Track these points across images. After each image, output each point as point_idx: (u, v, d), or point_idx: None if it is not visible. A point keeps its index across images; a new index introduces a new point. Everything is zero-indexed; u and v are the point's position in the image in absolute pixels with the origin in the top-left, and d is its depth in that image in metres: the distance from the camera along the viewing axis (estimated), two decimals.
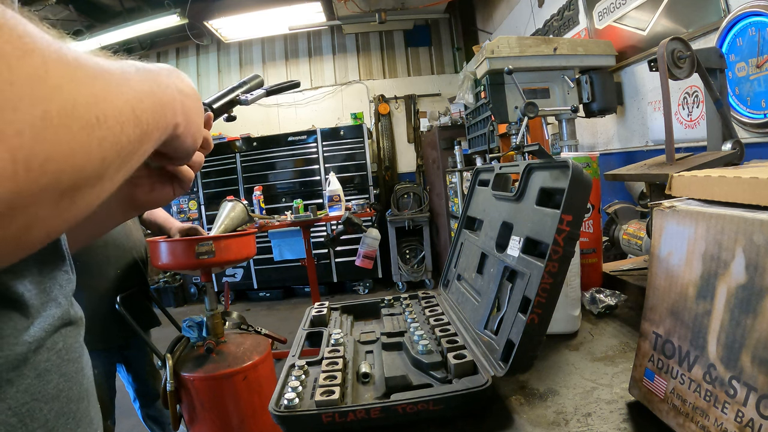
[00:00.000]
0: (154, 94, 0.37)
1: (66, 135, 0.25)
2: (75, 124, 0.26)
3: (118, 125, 0.30)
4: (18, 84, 0.23)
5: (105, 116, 0.29)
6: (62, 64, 0.26)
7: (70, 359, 0.40)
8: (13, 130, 0.22)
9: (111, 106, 0.30)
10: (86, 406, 0.42)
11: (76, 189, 0.28)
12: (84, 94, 0.27)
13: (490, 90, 2.20)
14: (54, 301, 0.40)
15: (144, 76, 0.36)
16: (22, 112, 0.23)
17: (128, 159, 0.32)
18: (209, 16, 5.08)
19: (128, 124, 0.31)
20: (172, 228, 1.91)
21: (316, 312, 1.02)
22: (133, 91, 0.33)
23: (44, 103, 0.24)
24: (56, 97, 0.25)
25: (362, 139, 5.42)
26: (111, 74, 0.31)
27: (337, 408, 0.62)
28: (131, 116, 0.32)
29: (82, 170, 0.27)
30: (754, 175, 0.49)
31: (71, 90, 0.26)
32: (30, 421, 0.34)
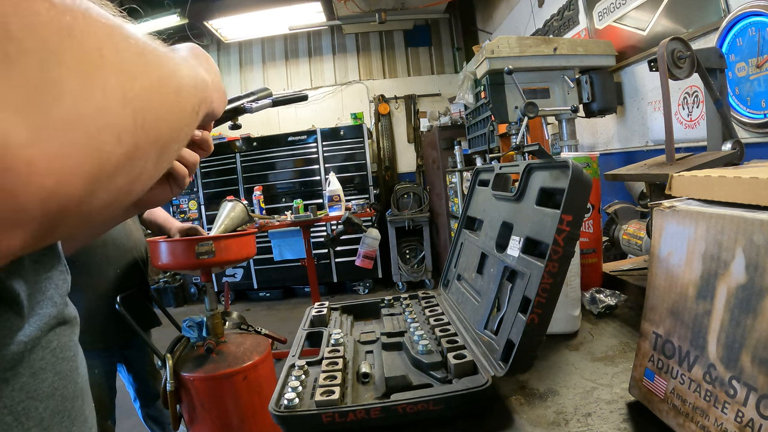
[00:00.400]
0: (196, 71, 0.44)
1: (164, 100, 0.32)
2: (167, 90, 0.33)
3: (189, 94, 0.37)
4: (128, 61, 0.29)
5: (181, 87, 0.36)
6: (149, 44, 0.33)
7: (65, 358, 0.41)
8: (133, 94, 0.28)
9: (182, 78, 0.37)
10: (81, 405, 0.42)
11: (168, 146, 0.34)
12: (167, 67, 0.34)
13: (490, 90, 2.20)
14: (50, 300, 0.40)
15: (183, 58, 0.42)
16: (138, 81, 0.29)
17: (193, 123, 0.39)
18: (209, 16, 5.07)
19: (192, 94, 0.39)
20: (172, 228, 1.91)
21: (316, 312, 1.02)
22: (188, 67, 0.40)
23: (150, 75, 0.31)
24: (153, 71, 0.31)
25: (362, 139, 5.42)
26: (172, 54, 0.37)
27: (337, 408, 0.62)
28: (193, 85, 0.39)
29: (172, 128, 0.34)
30: (754, 175, 0.49)
31: (160, 64, 0.33)
32: (25, 420, 0.35)
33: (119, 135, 0.27)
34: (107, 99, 0.26)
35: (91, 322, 1.71)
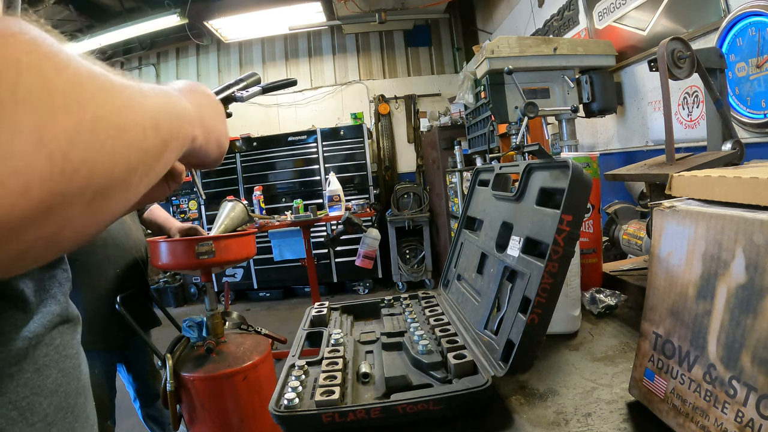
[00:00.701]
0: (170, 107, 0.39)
1: (96, 141, 0.28)
2: (104, 131, 0.28)
3: (141, 133, 0.32)
4: (56, 95, 0.26)
5: (129, 124, 0.31)
6: (93, 76, 0.29)
7: (68, 355, 0.41)
8: (51, 135, 0.25)
9: (134, 115, 0.32)
10: (83, 402, 0.42)
11: (105, 193, 0.30)
12: (112, 103, 0.30)
13: (490, 90, 2.20)
14: (53, 299, 0.41)
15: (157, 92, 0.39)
16: (60, 120, 0.25)
17: (151, 167, 0.34)
18: (209, 16, 5.07)
19: (149, 132, 0.33)
20: (172, 228, 1.91)
21: (316, 312, 1.02)
22: (151, 103, 0.36)
23: (78, 112, 0.27)
24: (88, 107, 0.28)
25: (362, 139, 5.42)
26: (131, 87, 0.33)
27: (337, 408, 0.62)
28: (152, 124, 0.34)
29: (110, 174, 0.29)
30: (754, 175, 0.49)
31: (101, 100, 0.29)
32: (30, 415, 0.35)
33: (27, 183, 0.24)
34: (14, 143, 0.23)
35: (91, 322, 1.71)
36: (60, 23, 5.21)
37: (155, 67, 6.16)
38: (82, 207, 0.28)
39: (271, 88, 0.86)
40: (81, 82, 0.28)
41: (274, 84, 0.88)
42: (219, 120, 0.52)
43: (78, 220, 0.28)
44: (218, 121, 0.52)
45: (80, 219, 0.29)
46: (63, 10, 5.02)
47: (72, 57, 0.28)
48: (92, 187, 0.28)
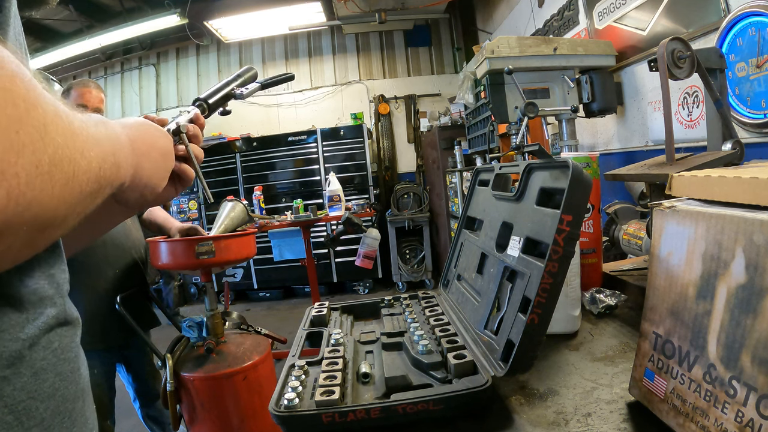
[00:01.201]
0: (114, 155, 0.41)
1: (50, 182, 0.30)
2: (58, 175, 0.30)
3: (86, 180, 0.34)
4: (23, 134, 0.27)
5: (79, 171, 0.33)
6: (57, 117, 0.31)
7: (66, 359, 0.41)
8: (13, 172, 0.26)
9: (85, 163, 0.34)
10: (82, 406, 0.42)
11: (46, 228, 0.32)
12: (69, 148, 0.32)
13: (490, 90, 2.19)
14: (49, 300, 0.40)
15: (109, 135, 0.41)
16: (23, 159, 0.27)
17: (86, 209, 0.37)
18: (209, 16, 5.07)
19: (92, 179, 0.36)
20: (172, 228, 1.91)
21: (316, 312, 1.02)
22: (101, 150, 0.38)
23: (40, 153, 0.28)
24: (49, 150, 0.29)
25: (362, 139, 5.42)
26: (87, 132, 0.36)
27: (337, 408, 0.62)
28: (96, 173, 0.36)
29: (55, 212, 0.31)
30: (754, 175, 0.49)
31: (60, 144, 0.31)
32: (26, 419, 0.35)
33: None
34: None
35: (91, 322, 1.71)
36: (60, 23, 5.21)
37: (155, 67, 6.16)
38: (24, 238, 0.30)
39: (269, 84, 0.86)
40: (47, 124, 0.29)
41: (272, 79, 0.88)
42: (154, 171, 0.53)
43: (18, 248, 0.31)
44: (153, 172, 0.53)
45: (20, 248, 0.31)
46: (63, 10, 5.01)
47: (42, 98, 0.30)
48: (36, 223, 0.30)
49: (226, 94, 0.77)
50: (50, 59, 5.17)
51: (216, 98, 0.75)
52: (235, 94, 0.78)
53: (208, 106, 0.74)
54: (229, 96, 0.77)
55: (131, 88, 6.20)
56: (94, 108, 1.79)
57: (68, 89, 1.79)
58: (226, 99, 0.77)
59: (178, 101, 6.16)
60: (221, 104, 0.76)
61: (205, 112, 0.73)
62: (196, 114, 0.68)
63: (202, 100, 0.74)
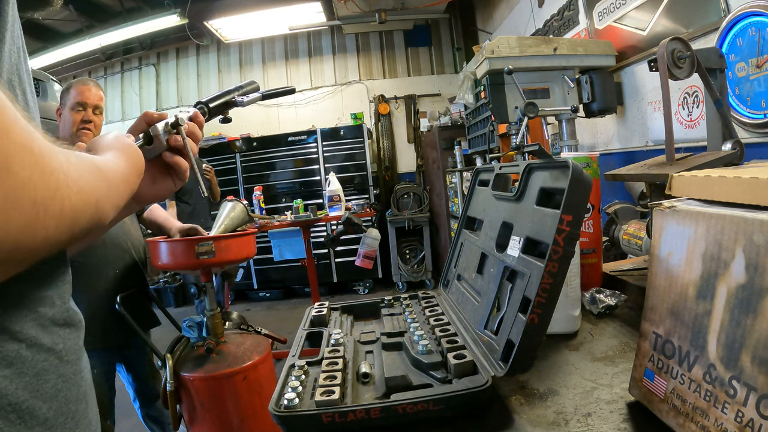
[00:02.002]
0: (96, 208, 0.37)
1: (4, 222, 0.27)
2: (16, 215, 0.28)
3: (54, 226, 0.32)
4: None
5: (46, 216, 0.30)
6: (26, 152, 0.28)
7: (69, 361, 0.41)
8: None
9: (56, 209, 0.31)
10: (84, 408, 0.42)
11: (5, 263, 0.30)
12: (38, 189, 0.29)
13: (490, 90, 2.19)
14: (48, 299, 0.40)
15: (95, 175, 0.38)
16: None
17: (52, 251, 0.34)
18: (209, 16, 5.07)
19: (63, 228, 0.33)
20: (172, 228, 1.91)
21: (316, 312, 1.02)
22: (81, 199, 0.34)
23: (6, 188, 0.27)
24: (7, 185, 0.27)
25: (362, 139, 5.42)
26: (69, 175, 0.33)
27: (337, 408, 0.62)
28: (69, 222, 0.33)
29: (10, 253, 0.29)
30: (754, 175, 0.49)
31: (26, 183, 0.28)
32: (29, 418, 0.35)
33: None
34: None
35: (90, 322, 1.69)
36: (60, 23, 5.21)
37: (155, 67, 6.16)
38: None
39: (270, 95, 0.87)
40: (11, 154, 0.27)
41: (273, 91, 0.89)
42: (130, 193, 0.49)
43: None
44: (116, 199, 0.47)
45: None
46: (63, 10, 5.01)
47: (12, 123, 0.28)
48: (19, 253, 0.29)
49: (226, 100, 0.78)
50: (50, 59, 5.18)
51: (217, 103, 0.76)
52: (236, 101, 0.79)
53: (209, 109, 0.75)
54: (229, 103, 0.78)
55: (131, 88, 6.20)
56: (93, 105, 1.79)
57: (68, 88, 1.80)
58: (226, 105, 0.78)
59: (178, 101, 6.16)
60: (221, 110, 0.78)
61: (205, 114, 0.74)
62: (196, 112, 0.69)
63: (203, 103, 0.75)
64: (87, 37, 5.06)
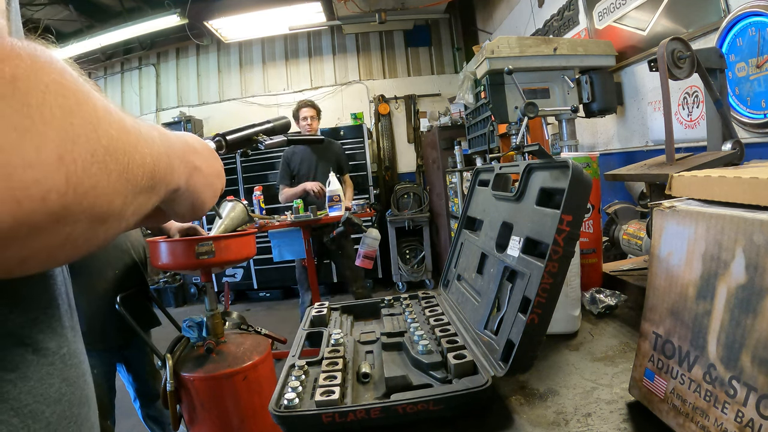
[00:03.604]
0: (168, 157, 0.42)
1: (105, 172, 0.31)
2: (113, 165, 0.31)
3: (141, 173, 0.35)
4: (77, 125, 0.29)
5: (133, 163, 0.34)
6: (107, 113, 0.32)
7: (73, 364, 0.41)
8: (71, 158, 0.28)
9: (139, 157, 0.35)
10: (87, 412, 0.42)
11: (103, 220, 0.32)
12: (122, 140, 0.33)
13: (490, 90, 2.19)
14: (54, 302, 0.40)
15: (163, 139, 0.42)
16: (79, 146, 0.28)
17: (142, 204, 0.37)
18: (209, 16, 5.07)
19: (147, 175, 0.37)
20: (172, 228, 1.91)
21: (316, 312, 1.02)
22: (155, 149, 0.39)
23: (94, 143, 0.30)
24: (103, 140, 0.31)
25: (362, 139, 5.42)
26: (140, 130, 0.37)
27: (337, 408, 0.62)
28: (150, 169, 0.37)
29: (111, 204, 0.32)
30: (754, 175, 0.49)
31: (113, 136, 0.32)
32: (32, 422, 0.35)
33: (46, 194, 0.26)
34: (40, 156, 0.26)
35: (91, 322, 1.71)
36: (60, 23, 5.21)
37: (155, 67, 6.16)
38: (84, 227, 0.30)
39: (296, 141, 0.87)
40: (99, 116, 0.31)
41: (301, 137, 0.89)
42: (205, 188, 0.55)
43: (78, 238, 0.31)
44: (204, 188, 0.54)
45: (80, 237, 0.31)
46: (63, 10, 5.02)
47: (91, 93, 0.31)
48: (95, 211, 0.31)
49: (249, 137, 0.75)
50: None
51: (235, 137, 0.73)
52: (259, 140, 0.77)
53: (226, 142, 0.72)
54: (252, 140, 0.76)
55: (131, 88, 6.20)
56: None
57: None
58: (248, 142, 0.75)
59: (178, 101, 6.16)
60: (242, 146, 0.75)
61: (222, 148, 0.71)
62: None
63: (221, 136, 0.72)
64: (87, 37, 5.06)
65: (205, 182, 0.54)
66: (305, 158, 3.90)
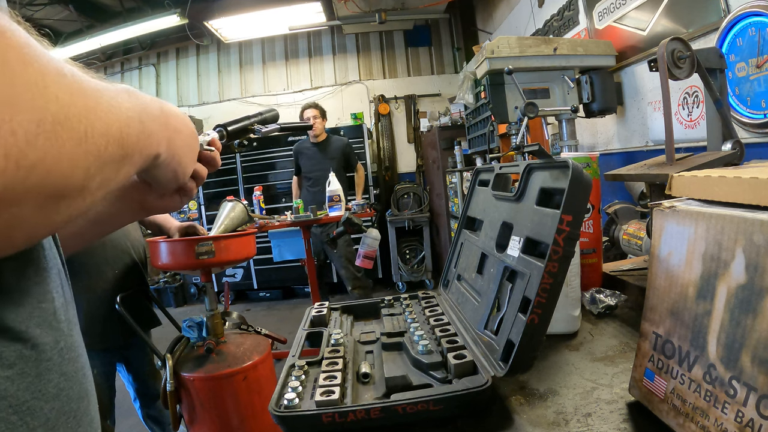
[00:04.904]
0: (141, 122, 0.38)
1: (56, 142, 0.27)
2: (66, 134, 0.28)
3: (104, 142, 0.32)
4: (18, 89, 0.25)
5: (93, 131, 0.30)
6: (59, 76, 0.28)
7: (70, 359, 0.41)
8: (9, 129, 0.24)
9: (100, 123, 0.31)
10: (86, 406, 0.42)
11: (60, 197, 0.29)
12: (77, 106, 0.29)
13: (490, 90, 2.19)
14: (49, 296, 0.40)
15: (135, 103, 0.38)
16: (20, 115, 0.25)
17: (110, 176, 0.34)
18: (209, 16, 5.07)
19: (113, 143, 0.33)
20: (171, 227, 1.91)
21: (316, 312, 1.02)
22: (122, 113, 0.35)
23: (40, 110, 0.26)
24: (51, 107, 0.27)
25: (362, 139, 5.41)
26: (103, 93, 0.33)
27: (337, 408, 0.62)
28: (117, 136, 0.33)
29: (67, 178, 0.29)
30: (754, 175, 0.49)
31: (66, 102, 0.28)
32: (31, 419, 0.35)
33: None
34: None
35: (91, 322, 1.71)
36: (60, 23, 5.21)
37: (155, 67, 6.16)
38: (34, 207, 0.27)
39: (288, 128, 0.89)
40: (46, 80, 0.27)
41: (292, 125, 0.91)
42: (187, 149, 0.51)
43: (30, 219, 0.28)
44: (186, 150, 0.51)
45: (32, 219, 0.28)
46: (63, 10, 5.02)
47: (41, 53, 0.28)
48: (47, 188, 0.27)
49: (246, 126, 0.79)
50: None
51: (236, 127, 0.77)
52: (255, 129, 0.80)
53: (227, 132, 0.75)
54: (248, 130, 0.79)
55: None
56: None
57: None
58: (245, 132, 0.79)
59: (178, 101, 6.16)
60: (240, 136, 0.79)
61: (223, 138, 0.74)
62: (213, 139, 0.68)
63: (222, 126, 0.75)
64: (87, 37, 5.06)
65: (185, 144, 0.51)
66: (310, 156, 3.96)
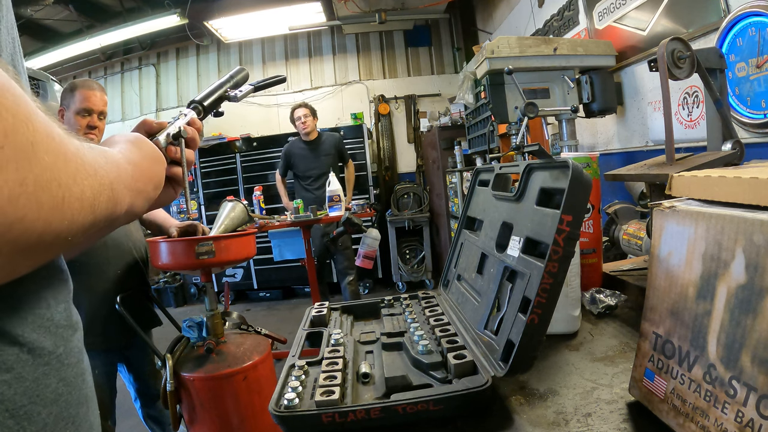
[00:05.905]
0: (112, 190, 0.39)
1: (36, 204, 0.28)
2: (45, 197, 0.29)
3: (78, 206, 0.33)
4: (7, 149, 0.26)
5: (71, 197, 0.31)
6: (50, 140, 0.29)
7: (70, 364, 0.40)
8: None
9: (77, 190, 0.32)
10: (86, 412, 0.42)
11: (29, 251, 0.30)
12: (61, 172, 0.30)
13: (490, 90, 2.19)
14: (46, 301, 0.40)
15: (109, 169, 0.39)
16: (5, 174, 0.25)
17: (76, 236, 0.35)
18: (209, 16, 5.07)
19: (86, 207, 0.34)
20: (171, 227, 1.91)
21: (316, 312, 1.02)
22: (96, 182, 0.36)
23: (25, 171, 0.27)
24: (35, 169, 0.28)
25: (362, 139, 5.41)
26: (83, 160, 0.34)
27: (337, 408, 0.62)
28: (90, 204, 0.34)
29: (40, 237, 0.29)
30: (754, 175, 0.49)
31: (51, 167, 0.29)
32: (28, 424, 0.34)
33: None
34: None
35: (92, 322, 1.71)
36: (60, 23, 5.21)
37: (155, 67, 6.16)
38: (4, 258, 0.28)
39: (261, 86, 0.87)
40: (35, 142, 0.28)
41: (264, 81, 0.89)
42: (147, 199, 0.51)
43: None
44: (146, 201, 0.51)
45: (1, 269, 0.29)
46: (63, 10, 5.02)
47: (33, 113, 0.28)
48: (19, 245, 0.28)
49: (220, 96, 0.78)
50: (50, 59, 5.17)
51: (211, 100, 0.76)
52: (229, 96, 0.79)
53: (203, 108, 0.75)
54: (223, 98, 0.78)
55: (131, 88, 6.19)
56: (99, 111, 1.78)
57: (72, 89, 1.78)
58: (220, 101, 0.78)
59: (178, 101, 6.16)
60: (216, 106, 0.78)
61: (200, 114, 0.74)
62: (193, 118, 0.69)
63: (197, 102, 0.75)
64: (87, 37, 5.06)
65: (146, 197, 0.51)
66: (304, 156, 3.95)
